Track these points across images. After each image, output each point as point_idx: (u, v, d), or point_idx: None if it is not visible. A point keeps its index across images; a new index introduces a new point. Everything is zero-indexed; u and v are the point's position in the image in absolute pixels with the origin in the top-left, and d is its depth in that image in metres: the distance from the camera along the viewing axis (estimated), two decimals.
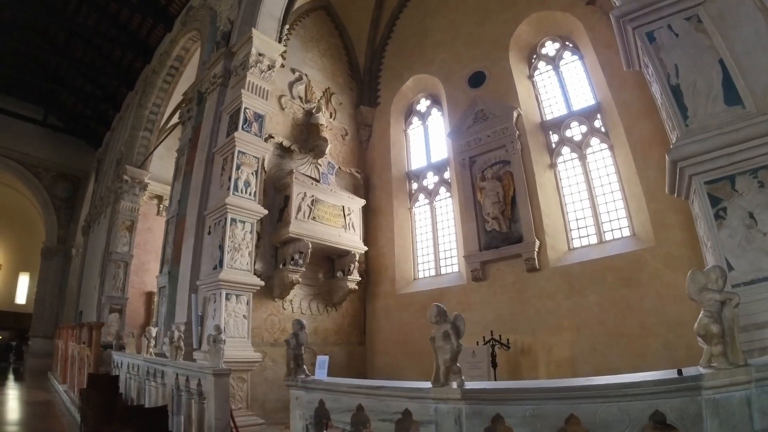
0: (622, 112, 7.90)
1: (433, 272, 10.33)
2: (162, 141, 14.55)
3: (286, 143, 9.89)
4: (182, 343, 5.97)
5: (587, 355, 7.40)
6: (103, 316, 13.04)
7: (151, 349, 7.39)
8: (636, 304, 7.13)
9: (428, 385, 2.76)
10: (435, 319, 2.70)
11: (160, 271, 9.75)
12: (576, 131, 8.84)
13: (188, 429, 4.99)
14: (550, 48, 9.67)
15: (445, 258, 10.21)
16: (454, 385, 2.60)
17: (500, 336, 7.69)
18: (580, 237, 8.55)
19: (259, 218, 8.21)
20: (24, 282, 23.49)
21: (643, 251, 7.29)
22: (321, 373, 3.91)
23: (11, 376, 13.01)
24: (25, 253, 22.40)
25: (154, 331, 7.81)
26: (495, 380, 7.19)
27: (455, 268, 9.86)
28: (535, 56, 9.82)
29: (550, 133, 9.17)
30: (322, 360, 4.02)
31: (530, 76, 9.73)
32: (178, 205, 9.71)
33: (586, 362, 7.36)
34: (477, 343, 7.62)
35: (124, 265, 14.05)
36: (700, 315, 2.23)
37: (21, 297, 23.33)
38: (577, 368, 7.44)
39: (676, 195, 4.03)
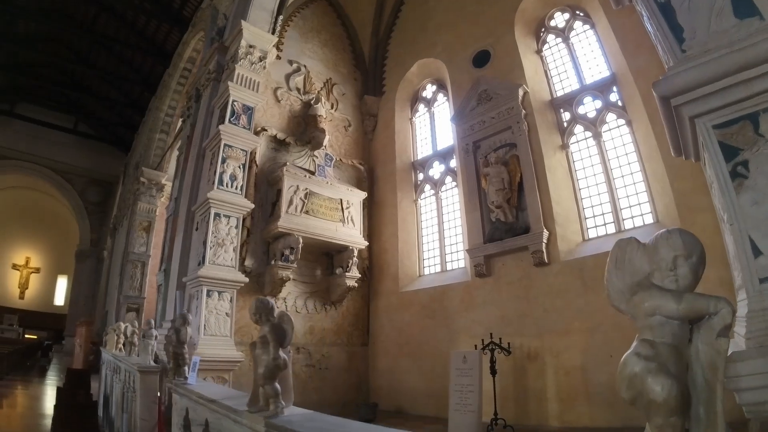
0: (639, 80, 6.99)
1: (438, 268, 9.71)
2: (174, 142, 14.60)
3: (280, 136, 9.56)
4: (135, 338, 5.69)
5: (601, 362, 6.30)
6: (121, 315, 13.21)
7: (120, 345, 7.18)
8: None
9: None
10: (254, 318, 2.16)
11: (159, 269, 9.66)
12: (590, 107, 8.02)
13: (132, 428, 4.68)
14: (559, 19, 8.88)
15: (451, 252, 9.57)
16: (270, 409, 2.04)
17: (500, 339, 6.92)
18: (595, 226, 7.68)
19: (244, 213, 7.91)
20: (62, 284, 24.50)
21: None
22: (192, 377, 3.42)
23: (33, 372, 13.36)
24: (62, 257, 23.35)
25: (123, 326, 7.60)
26: (494, 390, 6.53)
27: (461, 264, 9.21)
28: (543, 29, 9.04)
29: (561, 110, 8.38)
30: (195, 361, 3.53)
31: (538, 51, 8.96)
32: (175, 203, 9.59)
33: (600, 371, 6.27)
34: (476, 346, 6.93)
35: (141, 265, 14.23)
36: (628, 352, 1.39)
37: (59, 299, 24.35)
38: (590, 377, 6.44)
39: (683, 156, 3.06)
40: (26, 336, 19.94)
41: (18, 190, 22.23)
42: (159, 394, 4.04)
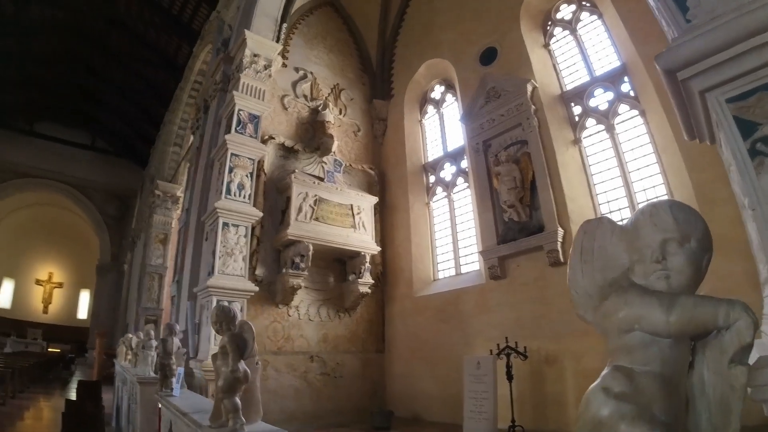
0: (651, 68, 6.70)
1: (452, 272, 9.52)
2: (187, 154, 14.73)
3: (288, 143, 9.52)
4: (140, 350, 5.68)
5: None
6: (140, 327, 13.33)
7: (128, 357, 7.19)
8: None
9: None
10: (215, 327, 2.03)
11: (172, 280, 9.70)
12: (601, 99, 7.75)
13: None
14: (565, 11, 8.64)
15: (465, 255, 9.37)
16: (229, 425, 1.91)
17: (516, 343, 6.69)
18: None
19: (253, 221, 7.89)
20: (84, 298, 24.97)
21: None
22: (176, 388, 3.33)
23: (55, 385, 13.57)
24: (83, 271, 23.78)
25: (130, 337, 7.61)
26: (511, 396, 6.31)
27: (475, 266, 9.00)
28: (550, 23, 8.81)
29: (572, 104, 8.13)
30: (179, 372, 3.45)
31: (546, 45, 8.73)
32: (186, 214, 9.63)
33: None
34: (491, 351, 6.72)
35: (159, 277, 14.37)
36: (594, 385, 1.09)
37: (82, 312, 24.80)
38: None
39: (698, 139, 2.80)
40: (50, 349, 20.30)
41: (39, 207, 22.76)
42: (159, 406, 3.97)
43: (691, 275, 1.11)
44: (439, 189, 10.36)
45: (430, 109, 11.26)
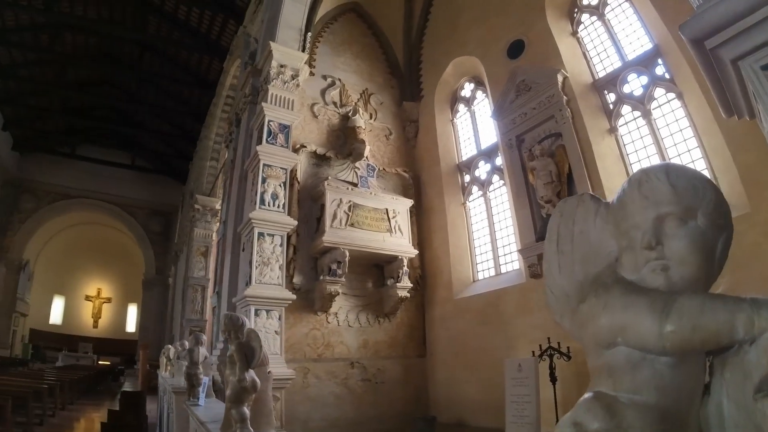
0: (685, 47, 6.29)
1: (492, 272, 9.29)
2: (224, 167, 15.03)
3: (320, 151, 9.55)
4: (176, 361, 5.75)
5: None
6: (185, 339, 13.63)
7: (168, 367, 7.31)
8: (734, 292, 5.57)
9: None
10: (224, 336, 1.96)
11: (213, 292, 9.86)
12: (635, 84, 7.40)
13: None
14: None
15: (504, 255, 9.14)
16: None
17: (559, 344, 6.42)
18: None
19: (288, 230, 7.91)
20: (132, 312, 25.91)
21: (735, 220, 5.71)
22: (201, 398, 3.30)
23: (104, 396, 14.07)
24: (131, 286, 24.69)
25: (170, 348, 7.74)
26: (555, 399, 6.05)
27: (515, 265, 8.75)
28: (576, 9, 8.51)
29: (605, 92, 7.80)
30: (205, 382, 3.42)
31: (574, 33, 8.42)
32: (223, 226, 9.79)
33: None
34: (533, 352, 6.48)
35: (201, 288, 14.68)
36: (564, 418, 0.83)
37: (130, 326, 25.74)
38: None
39: (736, 115, 2.53)
40: (100, 362, 21.12)
41: (85, 226, 23.83)
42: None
43: (699, 265, 0.84)
44: (474, 188, 10.16)
45: (461, 107, 11.08)
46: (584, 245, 0.97)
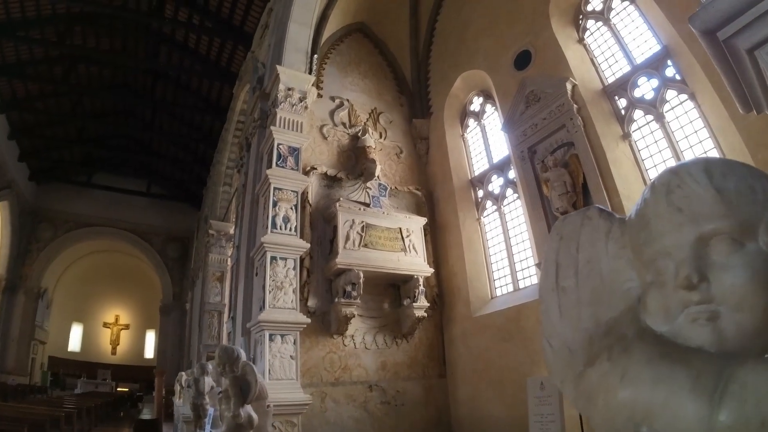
0: (694, 46, 6.15)
1: (510, 287, 9.08)
2: (236, 192, 15.09)
3: (331, 172, 9.51)
4: (187, 389, 5.65)
5: None
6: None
7: (182, 396, 7.20)
8: None
9: None
10: (219, 369, 1.85)
11: (228, 317, 9.79)
12: (646, 88, 7.24)
13: None
14: (596, 2, 8.24)
15: (522, 270, 8.92)
16: None
17: None
18: None
19: (301, 253, 7.83)
20: (150, 338, 25.96)
21: None
22: (207, 429, 3.18)
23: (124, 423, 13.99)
24: (149, 312, 24.81)
25: (182, 375, 7.64)
26: (580, 418, 5.78)
27: (534, 280, 8.53)
28: (581, 16, 8.42)
29: (616, 97, 7.65)
30: (210, 412, 3.30)
31: (580, 40, 8.33)
32: (237, 251, 9.75)
33: None
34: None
35: (218, 314, 14.62)
36: None
37: (149, 352, 25.78)
38: None
39: (754, 110, 2.32)
40: (119, 389, 21.13)
41: (102, 253, 24.14)
42: None
43: (765, 308, 0.58)
44: (488, 203, 10.00)
45: (471, 122, 10.99)
46: (593, 280, 0.72)
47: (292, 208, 8.02)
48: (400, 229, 9.25)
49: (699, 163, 0.70)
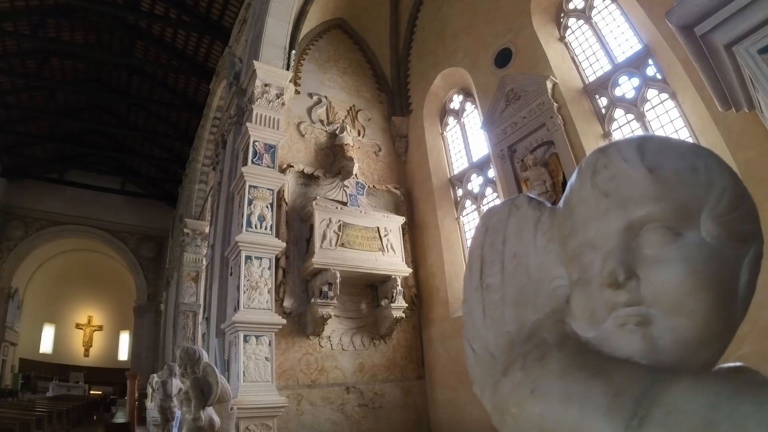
0: (674, 45, 6.16)
1: None
2: (211, 191, 14.79)
3: (308, 170, 9.32)
4: (158, 389, 5.46)
5: None
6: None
7: (154, 399, 6.98)
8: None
9: None
10: (180, 370, 1.72)
11: (202, 318, 9.54)
12: (627, 87, 7.24)
13: None
14: (577, 0, 8.24)
15: None
16: None
17: None
18: None
19: (277, 252, 7.66)
20: (124, 340, 25.29)
21: None
22: None
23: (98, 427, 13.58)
24: (122, 313, 24.19)
25: (154, 377, 7.40)
26: None
27: None
28: (562, 14, 8.40)
29: (597, 96, 7.64)
30: (177, 415, 3.16)
31: (561, 38, 8.30)
32: (212, 250, 9.51)
33: None
34: None
35: (193, 314, 14.32)
36: None
37: (123, 354, 25.08)
38: None
39: (733, 108, 2.27)
40: (92, 392, 20.58)
41: (75, 253, 23.40)
42: None
43: (707, 313, 0.49)
44: (467, 202, 9.93)
45: (451, 120, 10.91)
46: (519, 276, 0.63)
47: (267, 207, 7.84)
48: (378, 228, 9.11)
49: (633, 140, 0.60)
